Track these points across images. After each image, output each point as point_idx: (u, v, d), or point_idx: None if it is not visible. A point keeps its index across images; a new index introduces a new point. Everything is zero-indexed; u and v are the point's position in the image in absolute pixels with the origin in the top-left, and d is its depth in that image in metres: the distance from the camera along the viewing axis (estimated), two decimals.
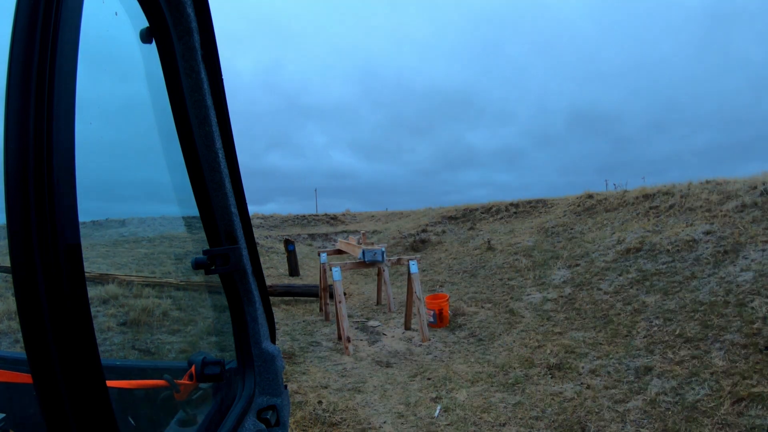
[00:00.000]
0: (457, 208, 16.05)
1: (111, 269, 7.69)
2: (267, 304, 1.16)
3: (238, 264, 1.05)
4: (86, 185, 0.59)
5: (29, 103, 0.48)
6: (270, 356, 1.12)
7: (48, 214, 0.49)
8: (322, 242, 17.09)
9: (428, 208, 19.38)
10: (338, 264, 5.81)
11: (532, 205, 14.18)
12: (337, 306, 5.47)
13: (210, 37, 0.93)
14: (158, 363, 2.97)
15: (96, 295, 5.91)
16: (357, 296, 8.81)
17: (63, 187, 0.51)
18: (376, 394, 4.18)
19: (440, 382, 4.30)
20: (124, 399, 1.22)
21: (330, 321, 6.81)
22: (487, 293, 7.77)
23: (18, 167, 0.48)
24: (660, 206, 9.94)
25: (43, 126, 0.49)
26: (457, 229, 14.00)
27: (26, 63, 0.48)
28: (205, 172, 0.99)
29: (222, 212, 1.03)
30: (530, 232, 11.13)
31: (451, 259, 11.13)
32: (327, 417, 3.65)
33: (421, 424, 3.55)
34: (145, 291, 6.42)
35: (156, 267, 8.43)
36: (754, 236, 6.69)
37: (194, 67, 0.92)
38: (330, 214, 22.28)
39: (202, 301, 6.22)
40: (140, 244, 10.43)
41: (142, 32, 0.87)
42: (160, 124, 1.02)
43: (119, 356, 4.49)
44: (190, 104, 0.94)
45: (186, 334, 5.17)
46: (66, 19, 0.52)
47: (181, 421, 1.04)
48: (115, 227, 11.32)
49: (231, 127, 1.02)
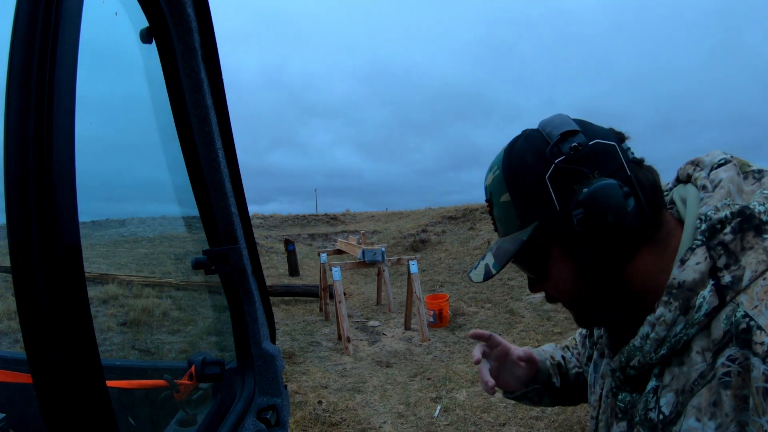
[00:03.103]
0: (457, 208, 16.05)
1: (111, 269, 7.70)
2: (267, 304, 1.16)
3: (238, 264, 1.05)
4: (86, 185, 0.59)
5: (29, 103, 0.48)
6: (270, 356, 1.12)
7: (48, 214, 0.49)
8: (322, 242, 17.09)
9: (428, 208, 19.39)
10: (338, 264, 5.82)
11: None
12: (337, 306, 5.47)
13: (210, 37, 0.93)
14: (158, 363, 2.97)
15: (96, 295, 5.91)
16: (357, 296, 8.81)
17: (63, 187, 0.51)
18: (376, 394, 4.18)
19: (440, 382, 4.30)
20: (124, 399, 1.22)
21: (330, 321, 6.81)
22: (487, 293, 7.77)
23: (18, 167, 0.48)
24: None
25: (43, 126, 0.49)
26: (457, 229, 14.01)
27: (26, 63, 0.48)
28: (205, 172, 0.99)
29: (222, 212, 1.03)
30: None
31: (451, 259, 11.13)
32: (327, 417, 3.65)
33: (421, 424, 3.55)
34: (145, 291, 6.42)
35: (156, 267, 8.44)
36: None
37: (194, 67, 0.92)
38: (330, 214, 22.29)
39: (202, 301, 6.22)
40: (140, 244, 10.44)
41: (142, 32, 0.87)
42: (160, 124, 1.02)
43: (119, 356, 4.50)
44: (190, 104, 0.94)
45: (186, 334, 5.18)
46: (66, 19, 0.52)
47: (181, 421, 1.04)
48: (115, 227, 11.34)
49: (231, 127, 1.02)
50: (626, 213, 0.55)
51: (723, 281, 0.51)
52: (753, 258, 0.50)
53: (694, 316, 0.52)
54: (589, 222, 0.56)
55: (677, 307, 0.53)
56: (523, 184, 0.60)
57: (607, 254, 0.58)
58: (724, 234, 0.52)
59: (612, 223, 0.55)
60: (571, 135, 0.58)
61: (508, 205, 0.62)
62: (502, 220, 0.65)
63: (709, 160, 0.62)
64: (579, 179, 0.57)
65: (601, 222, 0.55)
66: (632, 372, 0.60)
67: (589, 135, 0.59)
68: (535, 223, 0.60)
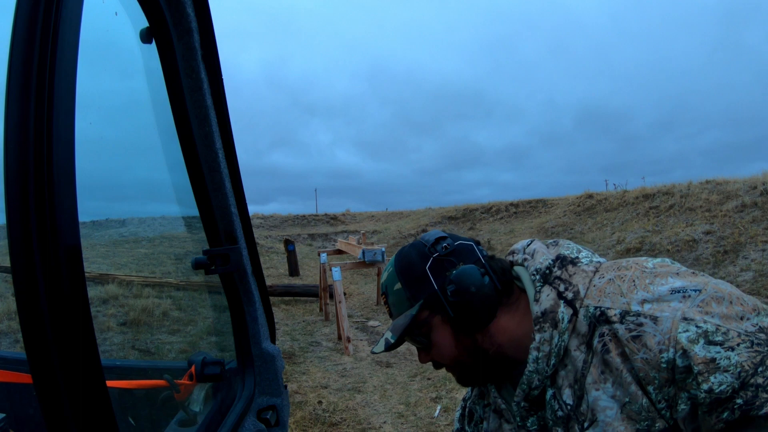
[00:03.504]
0: (457, 208, 16.05)
1: (111, 269, 7.69)
2: (267, 304, 1.16)
3: (238, 264, 1.05)
4: (86, 185, 0.59)
5: (29, 103, 0.48)
6: (270, 356, 1.12)
7: (48, 214, 0.49)
8: (322, 242, 17.09)
9: (428, 208, 19.40)
10: (338, 264, 5.82)
11: (532, 205, 14.19)
12: (337, 306, 5.47)
13: (210, 37, 0.93)
14: (158, 363, 2.97)
15: (96, 295, 5.91)
16: (357, 296, 8.82)
17: (63, 187, 0.51)
18: (376, 394, 4.19)
19: (440, 382, 4.30)
20: (124, 399, 1.22)
21: (330, 321, 6.81)
22: None
23: (18, 167, 0.48)
24: (660, 206, 9.95)
25: (43, 126, 0.49)
26: (457, 229, 14.00)
27: (26, 63, 0.48)
28: (205, 172, 0.99)
29: (222, 212, 1.03)
30: (530, 232, 11.13)
31: None
32: (327, 417, 3.65)
33: (421, 424, 3.55)
34: (145, 291, 6.42)
35: (156, 267, 8.44)
36: (754, 236, 6.70)
37: (194, 67, 0.92)
38: (330, 214, 22.28)
39: (202, 301, 6.22)
40: (140, 244, 10.44)
41: (142, 32, 0.87)
42: (160, 124, 1.02)
43: (119, 356, 4.50)
44: (190, 104, 0.94)
45: (186, 334, 5.17)
46: (66, 19, 0.52)
47: (181, 421, 1.04)
48: (115, 227, 11.34)
49: (231, 127, 1.02)
50: (483, 285, 0.77)
51: (568, 298, 0.71)
52: (579, 277, 0.73)
53: (562, 326, 0.71)
54: (458, 292, 0.76)
55: (549, 326, 0.71)
56: (411, 273, 0.82)
57: (474, 315, 0.77)
58: (554, 272, 0.75)
59: (474, 293, 0.76)
60: (442, 239, 0.82)
61: (400, 291, 0.83)
62: (396, 305, 0.84)
63: (519, 247, 0.87)
64: (449, 267, 0.79)
65: (467, 291, 0.76)
66: (535, 393, 0.76)
67: (454, 239, 0.83)
68: (421, 301, 0.80)
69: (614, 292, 0.68)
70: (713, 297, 0.62)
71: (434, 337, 0.82)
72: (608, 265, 0.74)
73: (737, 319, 0.60)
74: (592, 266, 0.74)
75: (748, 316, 0.61)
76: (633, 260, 0.73)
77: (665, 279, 0.66)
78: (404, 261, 0.84)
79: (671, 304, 0.63)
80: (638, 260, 0.72)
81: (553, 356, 0.72)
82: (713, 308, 0.61)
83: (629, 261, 0.73)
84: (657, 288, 0.65)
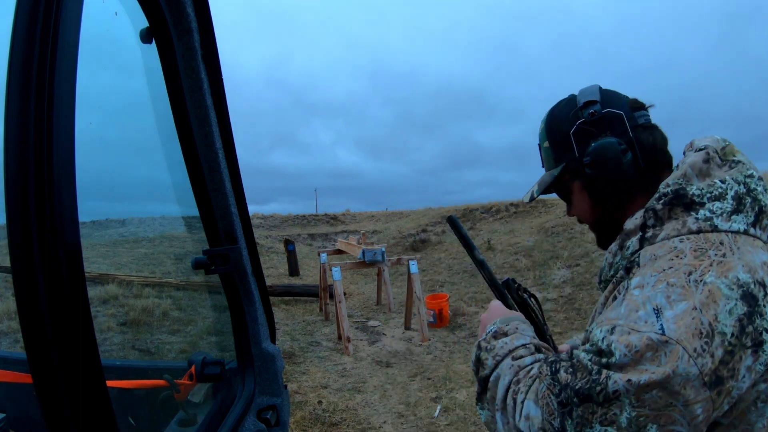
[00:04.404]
0: (457, 208, 16.05)
1: (111, 269, 7.69)
2: (267, 304, 1.16)
3: (238, 264, 1.05)
4: (86, 185, 0.59)
5: (29, 103, 0.48)
6: (270, 356, 1.12)
7: (48, 214, 0.49)
8: (322, 242, 17.09)
9: (428, 208, 19.40)
10: (338, 264, 5.82)
11: (532, 205, 14.18)
12: (337, 306, 5.48)
13: (210, 37, 0.93)
14: (158, 363, 2.97)
15: (96, 295, 5.90)
16: (357, 296, 8.81)
17: (63, 187, 0.51)
18: (376, 394, 4.18)
19: (440, 382, 4.30)
20: (124, 399, 1.22)
21: (330, 321, 6.81)
22: (487, 293, 7.77)
23: (18, 167, 0.48)
24: None
25: (43, 126, 0.49)
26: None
27: (26, 63, 0.48)
28: (205, 172, 0.99)
29: (222, 212, 1.03)
30: (530, 232, 11.13)
31: (451, 259, 11.13)
32: (327, 417, 3.65)
33: (421, 424, 3.55)
34: (145, 291, 6.41)
35: (156, 267, 8.43)
36: None
37: (194, 67, 0.92)
38: (330, 214, 22.28)
39: (202, 301, 6.22)
40: (140, 244, 10.43)
41: (142, 32, 0.87)
42: (160, 124, 1.02)
43: (119, 356, 4.49)
44: (190, 104, 0.94)
45: (186, 334, 5.17)
46: (66, 19, 0.52)
47: (181, 421, 1.04)
48: (115, 227, 11.34)
49: (231, 127, 1.02)
50: (621, 163, 0.75)
51: (646, 235, 0.71)
52: (672, 225, 0.69)
53: (625, 252, 0.73)
54: (594, 166, 0.77)
55: (618, 245, 0.74)
56: (557, 136, 0.84)
57: (608, 192, 0.80)
58: (656, 203, 0.71)
59: (609, 170, 0.76)
60: (591, 104, 0.79)
61: (547, 149, 0.87)
62: (545, 160, 0.89)
63: (697, 144, 0.78)
64: (593, 136, 0.78)
65: (602, 167, 0.76)
66: (602, 285, 0.79)
67: (604, 104, 0.79)
68: (563, 164, 0.83)
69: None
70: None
71: (574, 200, 0.86)
72: (687, 247, 0.64)
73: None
74: (697, 225, 0.66)
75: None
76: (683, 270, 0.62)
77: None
78: (554, 121, 0.85)
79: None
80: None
81: (612, 269, 0.75)
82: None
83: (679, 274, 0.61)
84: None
